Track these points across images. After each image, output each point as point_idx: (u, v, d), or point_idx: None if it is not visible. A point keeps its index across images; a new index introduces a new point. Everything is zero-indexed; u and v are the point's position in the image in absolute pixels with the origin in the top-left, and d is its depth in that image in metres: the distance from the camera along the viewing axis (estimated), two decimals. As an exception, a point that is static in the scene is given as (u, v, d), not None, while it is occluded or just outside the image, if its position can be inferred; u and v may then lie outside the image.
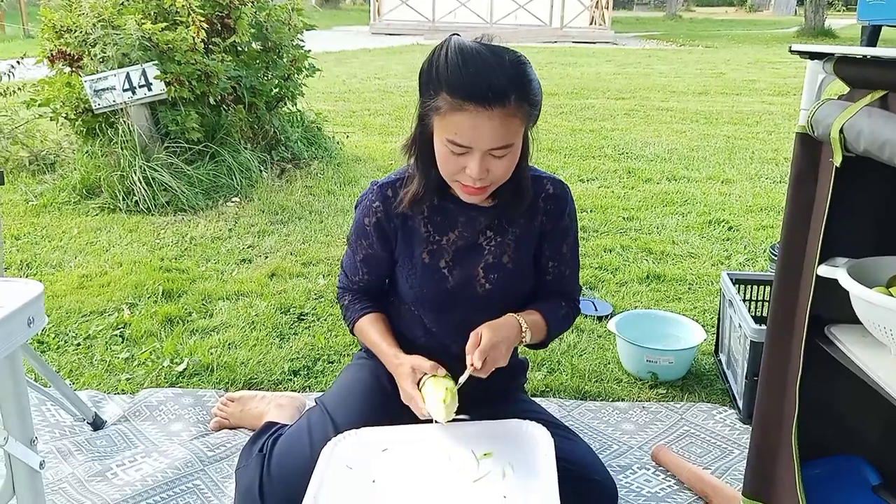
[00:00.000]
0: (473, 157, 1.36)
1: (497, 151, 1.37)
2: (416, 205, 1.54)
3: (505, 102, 1.32)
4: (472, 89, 1.31)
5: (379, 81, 9.41)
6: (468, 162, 1.37)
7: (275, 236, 3.62)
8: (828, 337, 1.28)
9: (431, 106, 1.36)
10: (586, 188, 4.55)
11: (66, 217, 3.86)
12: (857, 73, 1.12)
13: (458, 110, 1.32)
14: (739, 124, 6.70)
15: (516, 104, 1.33)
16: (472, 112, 1.31)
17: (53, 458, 1.92)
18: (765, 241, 3.59)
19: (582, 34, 18.16)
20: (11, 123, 4.75)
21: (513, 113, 1.34)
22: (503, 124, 1.33)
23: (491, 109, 1.31)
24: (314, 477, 1.37)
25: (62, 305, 2.80)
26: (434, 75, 1.35)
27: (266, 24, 4.66)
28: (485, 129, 1.33)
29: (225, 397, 2.14)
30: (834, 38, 17.85)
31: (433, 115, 1.37)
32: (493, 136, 1.34)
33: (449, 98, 1.33)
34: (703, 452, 2.01)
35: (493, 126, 1.33)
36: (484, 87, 1.30)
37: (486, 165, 1.37)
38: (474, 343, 1.44)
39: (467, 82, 1.31)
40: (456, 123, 1.33)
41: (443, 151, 1.39)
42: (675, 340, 2.47)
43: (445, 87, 1.33)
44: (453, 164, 1.39)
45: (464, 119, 1.32)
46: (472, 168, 1.36)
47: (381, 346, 1.60)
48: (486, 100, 1.30)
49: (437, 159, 1.42)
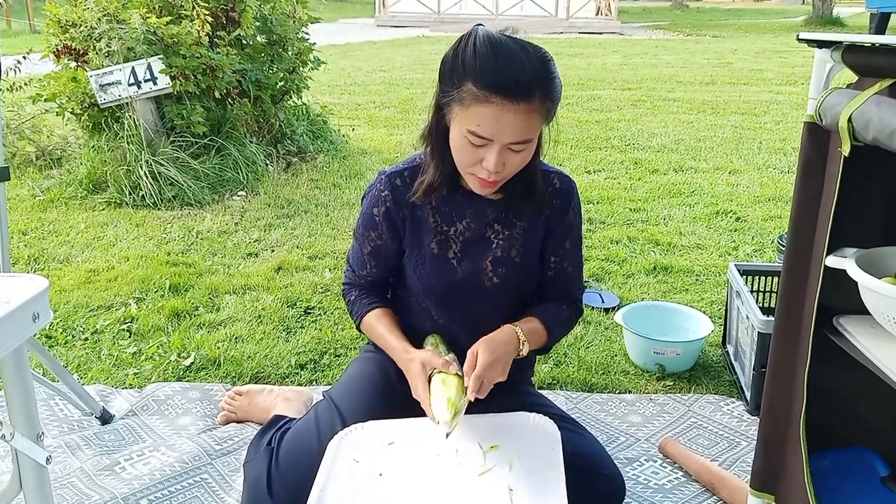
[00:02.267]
0: (492, 149, 1.35)
1: (516, 146, 1.36)
2: (432, 194, 1.53)
3: (530, 97, 1.32)
4: (499, 81, 1.30)
5: (384, 74, 9.39)
6: (486, 154, 1.36)
7: (281, 230, 3.62)
8: (836, 328, 1.27)
9: (454, 96, 1.35)
10: (593, 179, 4.54)
11: (73, 212, 3.87)
12: (865, 62, 1.11)
13: (483, 102, 1.32)
14: (747, 114, 6.67)
15: (540, 100, 1.33)
16: (497, 105, 1.31)
17: (62, 453, 1.93)
18: (773, 232, 3.57)
19: (588, 24, 18.08)
20: (18, 119, 4.76)
21: (535, 108, 1.33)
22: (526, 119, 1.33)
23: (517, 104, 1.31)
24: (321, 470, 1.37)
25: (70, 300, 2.81)
26: (460, 64, 1.34)
27: (271, 17, 4.66)
28: (508, 122, 1.32)
29: (232, 391, 2.15)
30: (842, 26, 17.72)
31: (455, 104, 1.36)
32: (515, 130, 1.33)
33: (475, 89, 1.32)
34: (710, 444, 2.01)
35: (516, 120, 1.32)
36: (512, 81, 1.30)
37: (503, 159, 1.37)
38: (471, 364, 1.44)
39: (495, 74, 1.30)
40: (479, 115, 1.32)
41: (461, 142, 1.38)
42: (682, 332, 2.46)
43: (472, 77, 1.32)
44: (470, 156, 1.38)
45: (488, 111, 1.32)
46: (490, 161, 1.36)
47: (391, 341, 1.59)
48: (513, 93, 1.30)
49: (454, 149, 1.41)
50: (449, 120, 1.40)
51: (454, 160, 1.44)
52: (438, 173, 1.49)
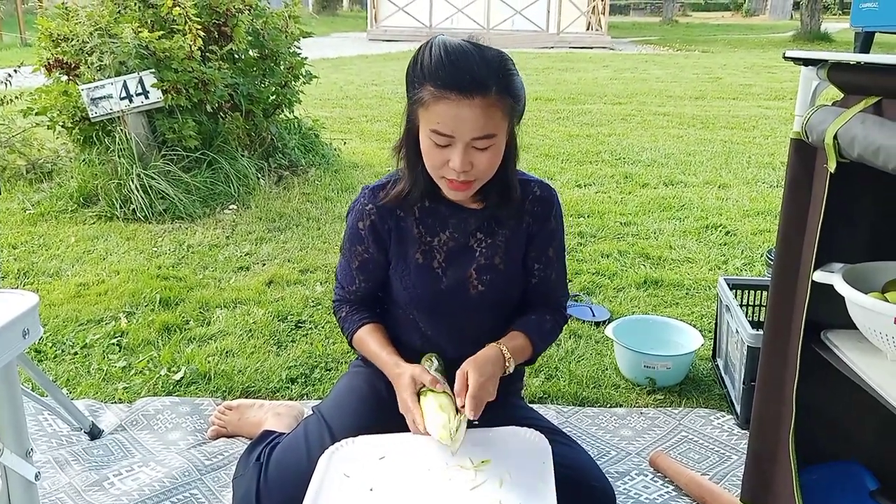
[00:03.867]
0: (456, 148, 1.38)
1: (479, 142, 1.38)
2: (403, 203, 1.55)
3: (486, 92, 1.35)
4: (453, 79, 1.34)
5: (376, 88, 9.42)
6: (451, 154, 1.39)
7: (272, 243, 3.62)
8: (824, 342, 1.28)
9: (416, 99, 1.40)
10: (583, 193, 4.56)
11: (64, 226, 3.86)
12: (850, 80, 1.13)
13: (440, 100, 1.35)
14: (736, 129, 6.71)
15: (497, 95, 1.36)
16: (453, 101, 1.34)
17: (50, 468, 1.92)
18: (762, 246, 3.59)
19: (579, 39, 18.20)
20: (8, 132, 4.74)
21: (494, 103, 1.36)
22: (484, 114, 1.36)
23: (472, 98, 1.34)
24: (311, 486, 1.37)
25: (59, 314, 2.80)
26: (418, 69, 1.39)
27: (263, 31, 4.67)
28: (466, 117, 1.35)
29: (222, 406, 2.14)
30: (830, 41, 17.90)
31: (418, 108, 1.40)
32: (475, 125, 1.36)
33: (432, 89, 1.36)
34: (700, 458, 2.01)
35: (474, 115, 1.35)
36: (465, 77, 1.34)
37: (469, 158, 1.39)
38: (462, 386, 1.44)
39: (449, 72, 1.34)
40: (438, 113, 1.36)
41: (427, 144, 1.41)
42: (672, 346, 2.46)
43: (429, 78, 1.36)
44: (437, 157, 1.41)
45: (446, 108, 1.35)
46: (455, 160, 1.38)
47: (381, 356, 1.59)
48: (468, 89, 1.34)
49: (423, 154, 1.44)
50: (416, 126, 1.43)
51: (426, 167, 1.46)
52: (410, 182, 1.52)
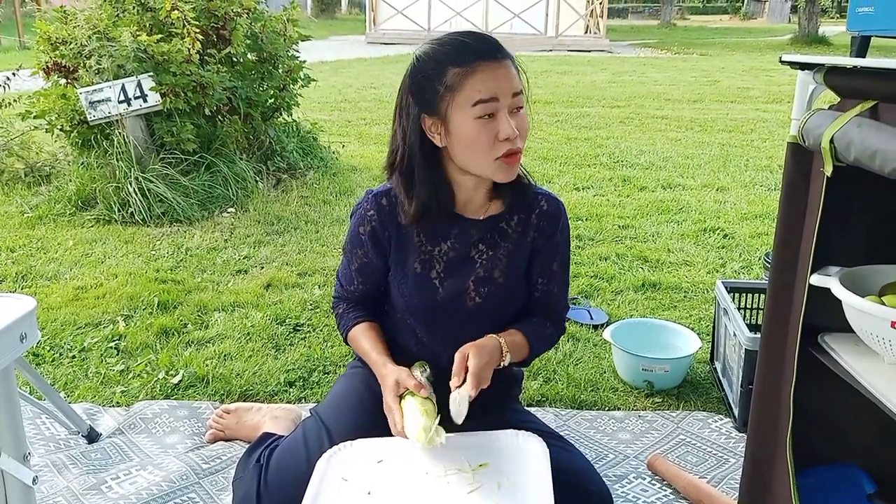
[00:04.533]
0: (502, 114, 1.40)
1: (516, 100, 1.42)
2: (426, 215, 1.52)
3: (506, 56, 1.43)
4: (478, 48, 1.41)
5: (375, 91, 9.43)
6: (499, 125, 1.40)
7: (270, 247, 3.62)
8: (821, 345, 1.28)
9: (442, 91, 1.40)
10: (581, 196, 4.56)
11: (62, 229, 3.86)
12: (847, 84, 1.13)
13: (474, 71, 1.39)
14: (734, 132, 6.72)
15: (512, 62, 1.44)
16: (486, 65, 1.39)
17: (48, 472, 1.92)
18: (760, 249, 3.60)
19: (577, 43, 18.22)
20: (7, 135, 4.75)
21: (513, 68, 1.43)
22: (512, 73, 1.42)
23: (500, 60, 1.41)
24: (309, 489, 1.37)
25: (57, 318, 2.80)
26: (431, 64, 1.42)
27: (261, 35, 4.67)
28: (503, 76, 1.40)
29: (220, 409, 2.14)
30: (828, 45, 17.93)
31: (447, 98, 1.40)
32: (511, 82, 1.41)
33: (459, 68, 1.39)
34: (698, 461, 2.01)
35: (508, 74, 1.41)
36: (488, 45, 1.42)
37: (513, 121, 1.41)
38: (461, 365, 1.45)
39: (472, 46, 1.41)
40: (477, 82, 1.39)
41: (472, 128, 1.40)
42: (670, 349, 2.47)
43: (451, 62, 1.40)
44: (487, 136, 1.40)
45: (482, 75, 1.39)
46: (505, 125, 1.40)
47: (371, 355, 1.60)
48: (493, 54, 1.41)
49: (469, 144, 1.41)
50: (444, 126, 1.42)
51: (472, 161, 1.44)
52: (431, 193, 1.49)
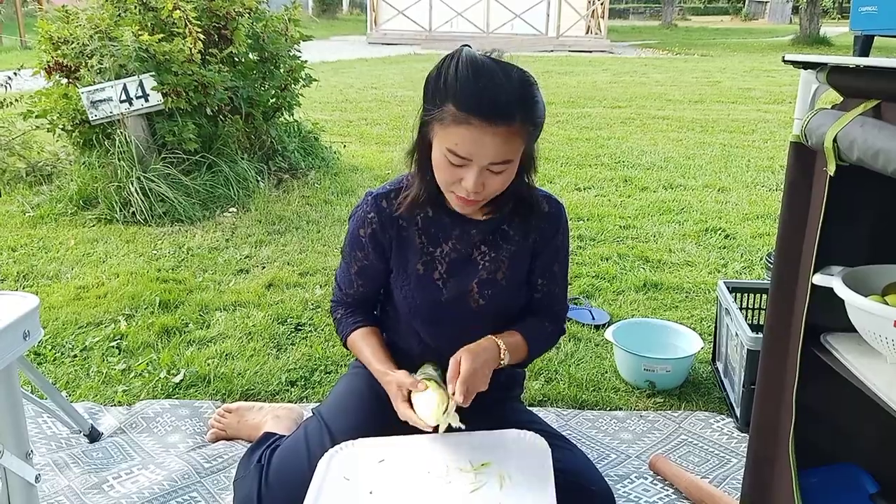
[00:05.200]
0: (471, 170, 1.36)
1: (495, 167, 1.37)
2: (415, 210, 1.53)
3: (510, 121, 1.32)
4: (478, 104, 1.31)
5: (376, 91, 9.43)
6: (465, 174, 1.37)
7: (272, 246, 3.62)
8: (824, 345, 1.28)
9: (436, 115, 1.36)
10: (583, 197, 4.56)
11: (63, 228, 3.86)
12: (850, 83, 1.13)
13: (462, 123, 1.32)
14: (735, 132, 6.72)
15: (520, 123, 1.34)
16: (476, 126, 1.31)
17: (50, 471, 1.92)
18: (761, 250, 3.59)
19: (578, 43, 18.22)
20: (8, 135, 4.75)
21: (516, 132, 1.34)
22: (505, 142, 1.34)
23: (496, 126, 1.31)
24: (311, 489, 1.37)
25: (59, 317, 2.80)
26: (442, 85, 1.35)
27: (263, 34, 4.68)
28: (486, 144, 1.33)
29: (222, 408, 2.14)
30: (829, 45, 17.92)
31: (436, 123, 1.37)
32: (494, 152, 1.34)
33: (455, 110, 1.33)
34: (700, 461, 2.01)
35: (495, 143, 1.33)
36: (491, 104, 1.31)
37: (482, 179, 1.38)
38: (454, 373, 1.45)
39: (475, 97, 1.31)
40: (458, 135, 1.33)
41: (441, 160, 1.39)
42: (672, 349, 2.47)
43: (452, 98, 1.33)
44: (450, 174, 1.40)
45: (467, 132, 1.32)
46: (469, 181, 1.37)
47: (372, 363, 1.60)
48: (492, 116, 1.31)
49: (435, 167, 1.42)
50: (431, 137, 1.41)
51: (437, 178, 1.45)
52: (423, 189, 1.50)
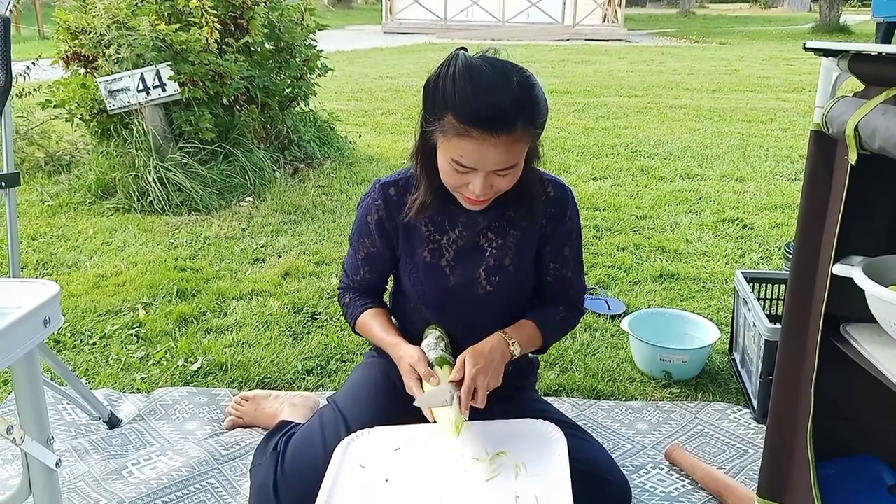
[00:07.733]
0: (477, 176, 1.37)
1: (501, 171, 1.38)
2: (424, 213, 1.54)
3: (511, 129, 1.32)
4: (478, 115, 1.30)
5: (391, 80, 9.42)
6: (472, 179, 1.38)
7: (288, 236, 3.63)
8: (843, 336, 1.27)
9: (437, 126, 1.36)
10: (599, 186, 4.54)
11: (82, 217, 3.89)
12: (872, 70, 1.11)
13: (463, 135, 1.32)
14: (754, 121, 6.66)
15: (522, 129, 1.33)
16: (477, 138, 1.31)
17: (69, 457, 1.94)
18: (779, 240, 3.56)
19: (594, 32, 18.10)
20: (27, 124, 4.79)
21: (518, 137, 1.34)
22: (508, 149, 1.34)
23: (497, 136, 1.31)
24: (327, 476, 1.38)
25: (78, 305, 2.83)
26: (441, 96, 1.34)
27: (279, 24, 4.68)
28: (490, 154, 1.33)
29: (239, 396, 2.15)
30: (849, 34, 17.69)
31: (438, 133, 1.37)
32: (498, 160, 1.35)
33: (455, 121, 1.32)
34: (717, 452, 2.00)
35: (498, 152, 1.33)
36: (491, 114, 1.30)
37: (489, 182, 1.38)
38: (460, 373, 1.45)
39: (474, 109, 1.30)
40: (461, 147, 1.33)
41: (447, 168, 1.40)
42: (688, 339, 2.46)
43: (452, 110, 1.32)
44: (457, 180, 1.40)
45: (469, 144, 1.32)
46: (476, 186, 1.38)
47: (384, 338, 1.61)
48: (493, 126, 1.30)
49: (441, 172, 1.43)
50: (434, 143, 1.41)
51: (443, 181, 1.45)
52: (429, 193, 1.50)
